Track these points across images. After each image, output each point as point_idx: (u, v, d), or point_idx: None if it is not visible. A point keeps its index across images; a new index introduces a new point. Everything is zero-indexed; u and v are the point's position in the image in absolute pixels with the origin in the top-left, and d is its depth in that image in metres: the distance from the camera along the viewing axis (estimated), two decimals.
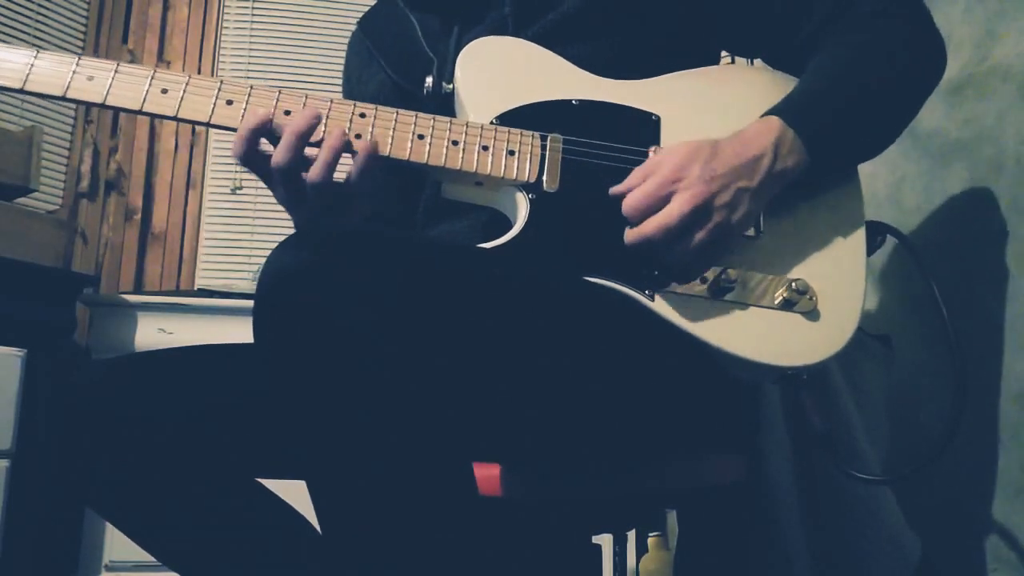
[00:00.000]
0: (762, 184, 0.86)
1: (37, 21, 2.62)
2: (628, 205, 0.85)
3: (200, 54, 2.85)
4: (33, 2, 2.61)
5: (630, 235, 0.85)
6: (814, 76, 0.96)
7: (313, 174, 0.84)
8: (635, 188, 0.85)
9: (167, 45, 2.84)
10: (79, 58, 0.86)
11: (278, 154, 0.84)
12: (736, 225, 0.85)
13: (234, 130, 0.85)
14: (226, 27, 2.90)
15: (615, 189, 0.87)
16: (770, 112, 0.90)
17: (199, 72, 2.82)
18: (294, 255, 0.68)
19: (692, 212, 0.83)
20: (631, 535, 2.12)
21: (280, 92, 0.87)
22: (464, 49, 0.96)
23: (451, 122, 0.89)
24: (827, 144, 0.90)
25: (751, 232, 0.90)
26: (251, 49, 2.89)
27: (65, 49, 2.68)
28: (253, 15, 2.92)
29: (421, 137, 0.87)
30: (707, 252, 0.85)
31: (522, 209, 0.87)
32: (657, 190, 0.84)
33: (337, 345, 0.66)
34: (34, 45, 2.57)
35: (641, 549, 2.07)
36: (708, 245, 0.84)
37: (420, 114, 0.88)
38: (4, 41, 2.46)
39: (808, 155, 0.89)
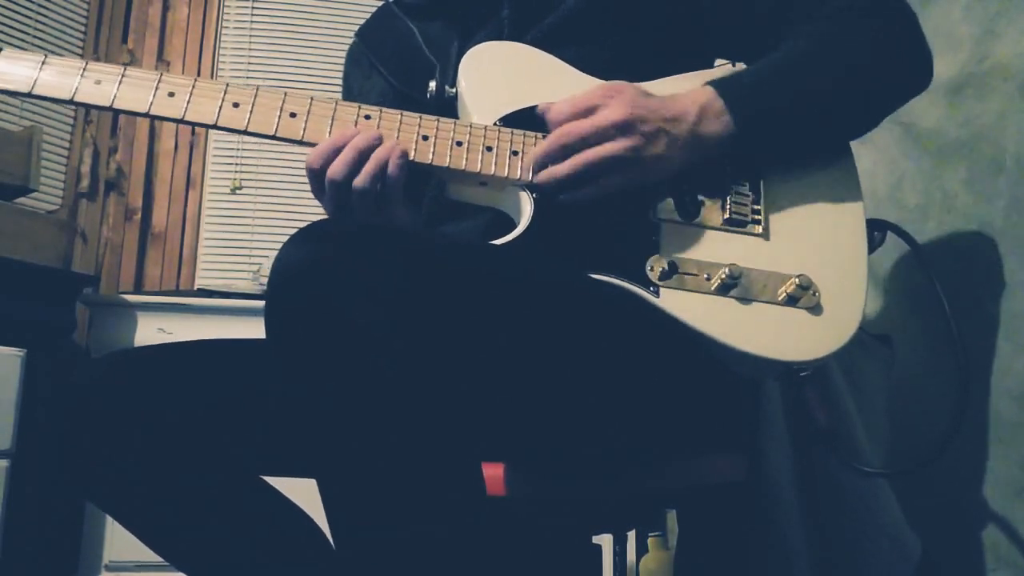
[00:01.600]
0: (681, 136, 0.87)
1: (37, 21, 2.62)
2: (555, 110, 0.87)
3: (200, 54, 2.85)
4: (33, 2, 2.61)
5: (548, 139, 0.87)
6: (765, 60, 0.96)
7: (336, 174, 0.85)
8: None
9: (167, 45, 2.83)
10: (86, 63, 0.87)
11: (337, 167, 0.85)
12: (649, 160, 0.86)
13: (240, 132, 0.86)
14: (226, 27, 2.90)
15: (543, 105, 0.89)
16: (708, 82, 0.92)
17: (199, 72, 2.82)
18: (304, 250, 0.68)
19: (617, 123, 0.84)
20: (631, 535, 2.12)
21: (286, 94, 0.88)
22: (467, 53, 0.98)
23: (455, 123, 0.89)
24: (758, 120, 0.90)
25: (757, 230, 0.91)
26: (251, 49, 2.89)
27: (65, 48, 2.68)
28: (253, 15, 2.92)
29: (425, 138, 0.88)
30: (613, 169, 0.86)
31: (526, 208, 0.87)
32: (584, 101, 0.87)
33: (346, 340, 0.66)
34: (34, 44, 2.58)
35: (641, 549, 2.07)
36: (619, 162, 0.85)
37: (424, 116, 0.89)
38: (3, 40, 2.47)
39: (735, 126, 0.89)
